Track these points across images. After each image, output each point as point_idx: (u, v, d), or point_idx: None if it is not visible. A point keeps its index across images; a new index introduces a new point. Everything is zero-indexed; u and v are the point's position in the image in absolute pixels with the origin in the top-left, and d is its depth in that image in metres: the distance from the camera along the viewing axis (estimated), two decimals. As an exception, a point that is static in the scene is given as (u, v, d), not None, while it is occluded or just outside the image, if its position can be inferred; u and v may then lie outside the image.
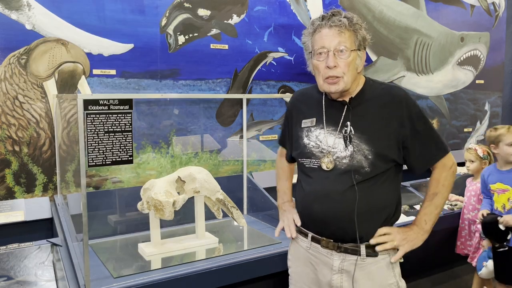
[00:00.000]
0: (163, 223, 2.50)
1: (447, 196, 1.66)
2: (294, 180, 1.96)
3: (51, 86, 2.51)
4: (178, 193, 2.30)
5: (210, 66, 3.01)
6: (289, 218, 1.77)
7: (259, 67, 3.22)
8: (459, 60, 4.46)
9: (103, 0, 2.62)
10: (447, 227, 3.23)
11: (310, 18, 3.43)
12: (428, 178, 1.69)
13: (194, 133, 2.99)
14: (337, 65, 1.55)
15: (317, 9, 3.46)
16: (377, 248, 1.58)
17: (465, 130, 4.63)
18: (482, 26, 4.65)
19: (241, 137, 3.13)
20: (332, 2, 3.54)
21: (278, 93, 3.33)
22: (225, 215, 2.47)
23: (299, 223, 1.72)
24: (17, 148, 2.44)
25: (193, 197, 2.35)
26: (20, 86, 2.43)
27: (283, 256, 2.25)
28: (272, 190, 2.95)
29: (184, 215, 2.68)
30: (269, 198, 2.80)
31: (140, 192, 2.26)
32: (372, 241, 1.58)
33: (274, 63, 3.29)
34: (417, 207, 3.35)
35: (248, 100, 3.13)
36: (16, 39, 2.40)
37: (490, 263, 2.72)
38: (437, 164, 1.63)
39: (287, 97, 3.32)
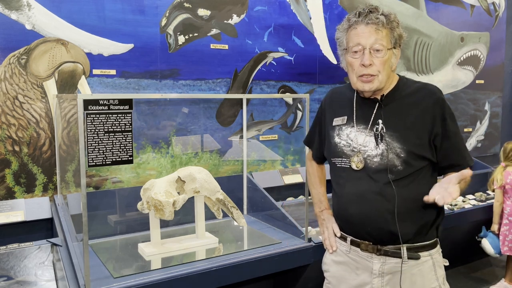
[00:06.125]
0: (163, 223, 2.50)
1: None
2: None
3: (51, 86, 2.51)
4: (178, 193, 2.30)
5: (210, 66, 3.01)
6: (329, 228, 1.73)
7: (259, 67, 3.22)
8: (459, 60, 4.46)
9: (103, 0, 2.62)
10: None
11: (310, 18, 3.43)
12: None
13: (194, 133, 2.99)
14: (373, 63, 1.51)
15: (317, 9, 3.46)
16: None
17: (465, 130, 4.62)
18: (482, 26, 4.65)
19: (241, 137, 3.13)
20: (332, 2, 3.54)
21: (278, 93, 3.33)
22: (225, 215, 2.47)
23: (338, 234, 1.67)
24: (17, 148, 2.44)
25: (193, 197, 2.35)
26: (20, 86, 2.43)
27: (283, 256, 2.26)
28: (272, 190, 2.95)
29: (184, 215, 2.68)
30: (269, 198, 2.79)
31: (140, 192, 2.25)
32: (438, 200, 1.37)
33: (274, 63, 3.29)
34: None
35: (248, 100, 3.13)
36: (16, 39, 2.40)
37: None
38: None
39: (287, 97, 3.32)
